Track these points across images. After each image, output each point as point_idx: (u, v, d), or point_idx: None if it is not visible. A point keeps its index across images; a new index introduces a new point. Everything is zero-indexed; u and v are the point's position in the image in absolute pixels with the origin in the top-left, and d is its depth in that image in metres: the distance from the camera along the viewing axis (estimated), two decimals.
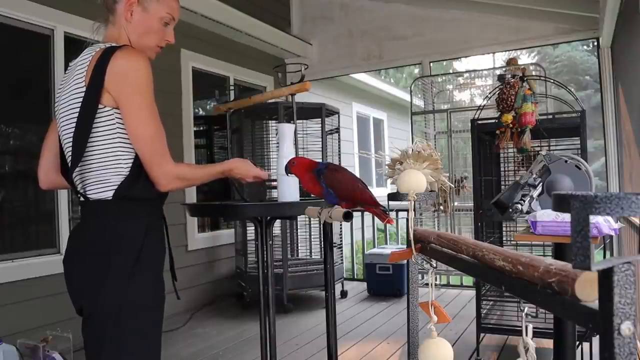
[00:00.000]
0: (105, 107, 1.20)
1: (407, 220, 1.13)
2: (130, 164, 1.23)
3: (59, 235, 3.22)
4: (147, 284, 1.26)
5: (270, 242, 1.94)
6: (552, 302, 0.59)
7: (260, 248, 1.91)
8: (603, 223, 1.59)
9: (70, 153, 1.26)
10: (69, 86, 1.26)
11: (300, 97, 3.48)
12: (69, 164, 1.27)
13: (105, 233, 1.22)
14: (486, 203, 2.70)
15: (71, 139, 1.24)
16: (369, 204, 1.38)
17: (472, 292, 3.78)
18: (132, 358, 1.24)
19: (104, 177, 1.23)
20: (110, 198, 1.23)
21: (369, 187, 1.43)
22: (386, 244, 5.88)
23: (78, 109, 1.22)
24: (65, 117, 1.26)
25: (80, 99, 1.21)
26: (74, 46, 3.28)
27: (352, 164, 8.33)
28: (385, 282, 4.45)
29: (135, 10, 1.28)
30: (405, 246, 1.19)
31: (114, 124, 1.21)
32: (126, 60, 1.19)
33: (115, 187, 1.23)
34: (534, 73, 4.12)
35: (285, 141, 1.77)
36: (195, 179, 1.37)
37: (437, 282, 4.78)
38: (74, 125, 1.23)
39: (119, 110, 1.21)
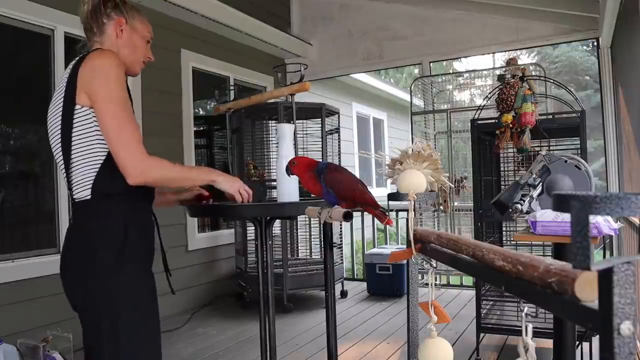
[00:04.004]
0: (82, 107, 1.25)
1: (407, 220, 1.13)
2: (104, 160, 1.26)
3: (59, 235, 3.22)
4: (135, 279, 1.28)
5: (270, 242, 1.94)
6: (552, 302, 0.59)
7: (260, 248, 1.91)
8: (603, 223, 1.59)
9: (59, 157, 1.31)
10: (54, 98, 1.33)
11: (300, 97, 3.48)
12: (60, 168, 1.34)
13: (87, 232, 1.27)
14: (486, 203, 2.70)
15: (57, 144, 1.30)
16: (369, 204, 1.38)
17: (472, 292, 3.78)
18: (130, 352, 1.25)
19: (83, 177, 1.27)
20: (89, 197, 1.26)
21: (368, 187, 1.43)
22: (386, 244, 5.88)
23: (61, 114, 1.27)
24: (51, 125, 1.32)
25: (62, 104, 1.27)
26: (74, 46, 3.28)
27: (352, 164, 8.33)
28: (385, 282, 4.45)
29: (124, 29, 1.39)
30: (405, 246, 1.19)
31: (91, 123, 1.25)
32: (97, 57, 1.27)
33: (91, 184, 1.26)
34: (533, 73, 4.12)
35: (285, 141, 1.76)
36: (169, 177, 1.33)
37: (437, 282, 4.78)
38: (57, 130, 1.29)
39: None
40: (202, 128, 5.48)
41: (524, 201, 1.81)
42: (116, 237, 1.26)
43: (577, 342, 2.16)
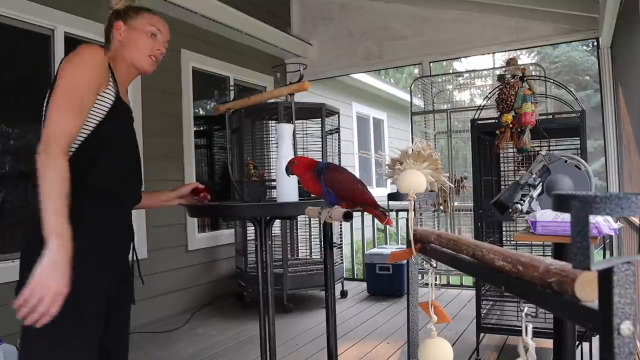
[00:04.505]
0: None
1: (407, 220, 1.13)
2: (75, 150, 1.24)
3: None
4: (79, 282, 1.19)
5: (270, 242, 1.94)
6: (552, 302, 0.59)
7: (259, 248, 1.91)
8: (603, 223, 1.59)
9: None
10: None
11: (300, 97, 3.47)
12: None
13: (38, 225, 1.17)
14: (486, 203, 2.70)
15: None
16: (369, 204, 1.38)
17: (472, 292, 3.78)
18: (49, 348, 1.20)
19: None
20: None
21: (368, 187, 1.43)
22: (386, 244, 5.89)
23: (45, 105, 1.28)
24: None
25: (48, 94, 1.29)
26: (74, 46, 3.28)
27: (352, 164, 8.33)
28: (385, 282, 4.45)
29: (123, 30, 1.41)
30: (405, 246, 1.19)
31: None
32: (79, 48, 1.29)
33: None
34: (533, 73, 4.12)
35: (284, 141, 1.76)
36: (44, 186, 1.13)
37: (437, 282, 4.78)
38: (43, 120, 1.28)
39: None
40: (202, 128, 5.49)
41: (524, 201, 1.81)
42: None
43: (577, 342, 2.16)
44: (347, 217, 1.36)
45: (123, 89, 1.42)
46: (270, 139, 4.37)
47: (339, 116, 4.35)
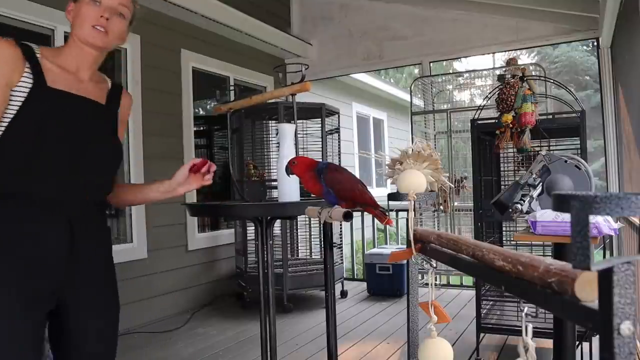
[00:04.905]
0: None
1: (407, 220, 1.13)
2: None
3: None
4: None
5: (271, 242, 1.94)
6: (552, 302, 0.59)
7: (260, 248, 1.91)
8: (603, 223, 1.59)
9: None
10: None
11: (300, 97, 3.46)
12: None
13: None
14: (486, 203, 2.70)
15: None
16: (369, 204, 1.38)
17: (472, 292, 3.78)
18: None
19: None
20: None
21: (368, 187, 1.43)
22: (386, 244, 5.89)
23: None
24: None
25: None
26: None
27: (352, 164, 8.33)
28: (385, 282, 4.45)
29: (72, 9, 1.33)
30: (405, 246, 1.19)
31: None
32: None
33: None
34: (533, 73, 4.12)
35: (286, 141, 1.77)
36: None
37: (437, 282, 4.78)
38: None
39: None
40: (202, 128, 5.49)
41: (524, 201, 1.81)
42: None
43: (577, 342, 2.16)
44: (347, 217, 1.36)
45: (79, 74, 1.34)
46: (271, 139, 4.37)
47: (339, 116, 4.35)
